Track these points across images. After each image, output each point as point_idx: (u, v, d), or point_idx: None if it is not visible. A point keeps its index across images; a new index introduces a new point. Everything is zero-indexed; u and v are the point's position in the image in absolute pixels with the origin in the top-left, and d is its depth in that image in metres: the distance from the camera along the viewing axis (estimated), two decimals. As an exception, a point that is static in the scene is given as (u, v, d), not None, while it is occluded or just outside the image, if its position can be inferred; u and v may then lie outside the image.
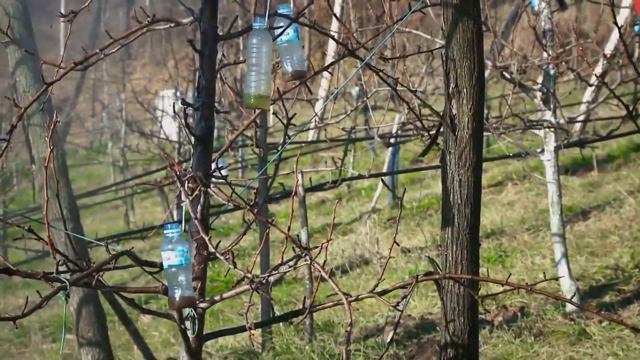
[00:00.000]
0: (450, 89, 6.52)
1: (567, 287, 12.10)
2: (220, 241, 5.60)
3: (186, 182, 5.54)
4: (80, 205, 14.68)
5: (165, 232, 5.34)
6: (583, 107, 18.43)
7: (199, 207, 5.56)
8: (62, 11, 6.66)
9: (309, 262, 5.91)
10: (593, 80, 14.78)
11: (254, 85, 5.59)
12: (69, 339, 13.88)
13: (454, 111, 6.46)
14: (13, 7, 10.92)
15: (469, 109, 6.46)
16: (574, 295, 11.99)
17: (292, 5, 5.81)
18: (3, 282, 17.32)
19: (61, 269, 5.46)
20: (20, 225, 5.71)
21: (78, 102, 28.39)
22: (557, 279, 12.10)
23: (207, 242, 5.41)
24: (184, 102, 5.80)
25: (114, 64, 27.18)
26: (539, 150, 12.75)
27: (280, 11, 5.88)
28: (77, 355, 13.11)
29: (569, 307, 11.74)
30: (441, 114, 6.60)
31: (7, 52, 10.84)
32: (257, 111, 6.47)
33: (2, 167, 18.80)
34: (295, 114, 6.02)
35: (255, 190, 7.72)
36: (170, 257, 5.32)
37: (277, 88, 5.93)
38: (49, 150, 7.01)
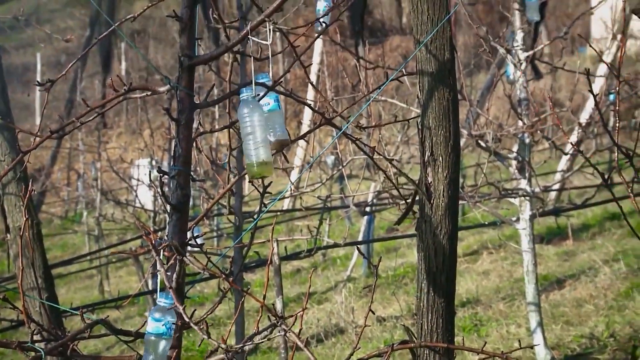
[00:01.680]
0: (426, 157, 6.54)
1: (542, 355, 12.13)
2: (195, 310, 5.60)
3: (161, 251, 5.54)
4: (55, 274, 14.66)
5: (158, 300, 5.35)
6: (558, 176, 18.48)
7: (174, 276, 5.55)
8: (39, 80, 6.65)
9: (284, 331, 5.91)
10: (568, 148, 14.83)
11: (254, 153, 5.58)
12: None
13: (430, 179, 6.48)
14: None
15: (445, 177, 6.48)
16: (550, 361, 12.04)
17: (270, 74, 5.81)
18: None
19: (36, 338, 5.47)
20: (-5, 295, 5.71)
21: (53, 171, 28.44)
22: (532, 347, 12.13)
23: (182, 312, 5.41)
24: (159, 171, 5.79)
25: (89, 133, 27.22)
26: (514, 218, 12.78)
27: (259, 80, 5.89)
28: None
29: (544, 376, 11.76)
30: (417, 182, 6.62)
31: (-19, 121, 10.84)
32: (232, 179, 6.48)
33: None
34: (271, 182, 6.02)
35: (230, 259, 7.74)
36: (157, 325, 5.33)
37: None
38: (24, 219, 7.00)
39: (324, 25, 7.62)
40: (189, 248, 5.84)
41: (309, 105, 8.19)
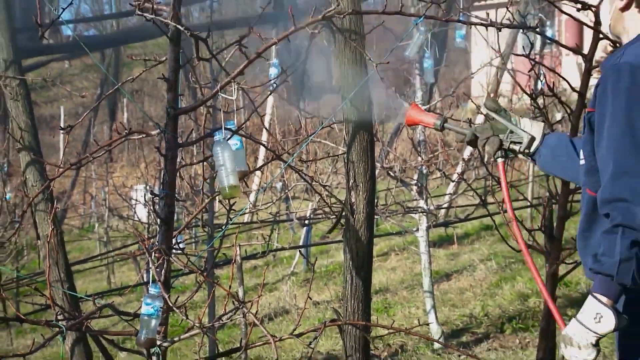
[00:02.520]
0: (350, 183, 6.51)
1: (434, 330, 12.11)
2: (178, 297, 5.55)
3: (153, 253, 5.51)
4: (73, 270, 14.52)
5: (150, 290, 5.33)
6: (447, 197, 18.53)
7: (162, 272, 5.52)
8: (62, 125, 6.61)
9: (244, 312, 5.89)
10: (455, 177, 14.83)
11: (225, 180, 5.59)
12: (64, 371, 13.74)
13: (353, 200, 6.46)
14: (24, 123, 10.85)
15: (364, 198, 6.46)
16: (440, 337, 12.01)
17: (235, 121, 5.78)
18: (16, 328, 17.09)
19: (59, 318, 5.43)
20: (29, 285, 5.71)
21: (72, 193, 28.28)
22: (427, 324, 12.13)
23: (167, 299, 5.37)
24: (152, 193, 5.78)
25: (100, 165, 27.11)
26: (414, 229, 12.78)
27: (227, 126, 5.87)
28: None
29: (436, 345, 11.74)
30: (343, 202, 6.60)
31: (19, 156, 10.77)
32: (206, 200, 6.47)
33: (15, 242, 18.62)
34: (235, 202, 6.00)
35: (204, 259, 7.69)
36: (149, 308, 5.31)
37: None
38: (51, 229, 6.92)
39: (274, 85, 7.60)
40: (173, 251, 5.80)
41: (264, 145, 8.21)
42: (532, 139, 5.12)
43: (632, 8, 4.68)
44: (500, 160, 5.23)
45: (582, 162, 4.72)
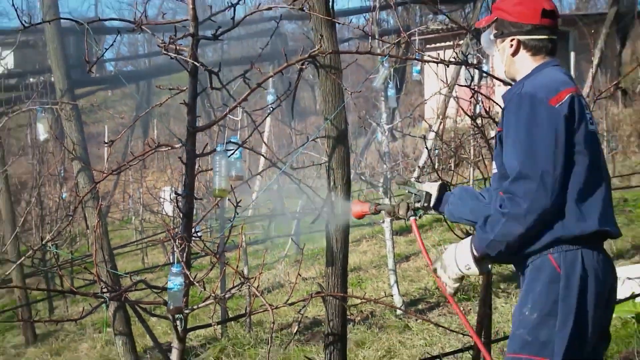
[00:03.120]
0: (331, 185, 6.51)
1: (397, 300, 12.12)
2: (196, 274, 5.56)
3: (177, 239, 5.50)
4: (115, 253, 14.51)
5: (173, 269, 5.34)
6: (406, 196, 18.51)
7: (184, 254, 5.51)
8: (106, 140, 6.59)
9: (248, 286, 5.89)
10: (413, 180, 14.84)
11: (217, 183, 5.63)
12: (108, 331, 13.71)
13: (333, 198, 6.46)
14: (76, 138, 10.81)
15: (342, 197, 6.46)
16: (402, 305, 12.01)
17: (238, 136, 5.80)
18: (70, 299, 17.06)
19: (103, 290, 5.44)
20: (80, 265, 5.71)
21: (114, 193, 28.30)
22: (391, 295, 12.13)
23: (188, 275, 5.38)
24: (176, 193, 5.76)
25: (135, 171, 27.10)
26: (381, 221, 12.78)
27: (232, 140, 5.88)
28: (113, 341, 12.92)
29: (399, 312, 11.74)
30: (325, 199, 6.59)
31: (73, 164, 10.77)
32: (219, 198, 6.47)
33: (70, 231, 18.60)
34: (241, 199, 5.99)
35: (217, 245, 7.67)
36: (174, 283, 5.31)
37: (231, 185, 5.93)
38: (97, 221, 6.90)
39: (271, 109, 7.61)
40: (193, 238, 5.80)
41: (263, 155, 8.19)
42: (429, 194, 5.23)
43: (520, 51, 4.69)
44: (412, 218, 5.33)
45: (495, 171, 4.73)
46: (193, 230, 5.84)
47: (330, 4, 6.47)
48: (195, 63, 5.54)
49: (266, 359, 6.95)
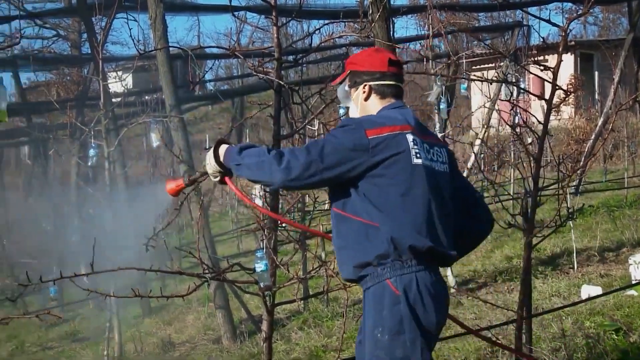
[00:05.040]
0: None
1: (451, 279, 12.02)
2: (282, 258, 5.54)
3: (265, 229, 5.51)
4: (215, 240, 14.62)
5: (257, 254, 5.35)
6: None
7: (272, 242, 5.51)
8: (206, 147, 6.62)
9: (326, 268, 5.86)
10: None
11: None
12: (210, 306, 13.79)
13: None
14: (182, 145, 10.88)
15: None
16: (454, 284, 11.92)
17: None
18: (177, 279, 17.23)
19: (205, 272, 5.46)
20: (187, 251, 5.73)
21: (214, 190, 28.45)
22: (446, 276, 12.04)
23: (275, 259, 5.38)
24: (265, 190, 5.77)
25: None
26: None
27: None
28: (214, 313, 13.00)
29: (452, 290, 11.65)
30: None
31: (180, 167, 10.81)
32: (299, 195, 6.48)
33: (177, 222, 18.77)
34: (318, 195, 5.97)
35: (299, 233, 7.66)
36: (261, 266, 5.31)
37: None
38: (199, 213, 6.90)
39: (342, 120, 7.58)
40: (279, 228, 5.79)
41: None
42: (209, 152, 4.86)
43: (372, 95, 4.63)
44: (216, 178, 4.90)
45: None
46: (278, 221, 5.83)
47: (391, 32, 6.42)
48: (280, 82, 5.54)
49: (342, 329, 6.91)
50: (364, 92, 4.65)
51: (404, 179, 4.28)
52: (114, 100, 16.35)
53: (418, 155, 4.34)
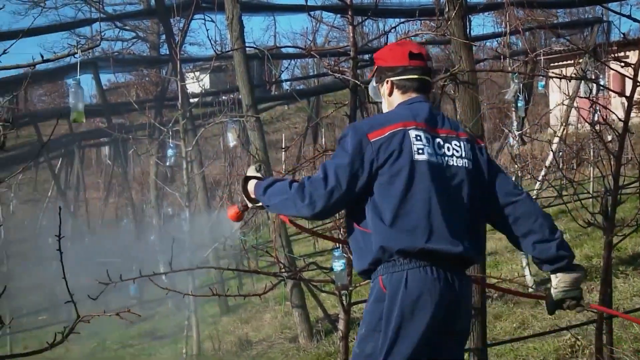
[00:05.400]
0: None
1: (529, 279, 11.89)
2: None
3: (342, 228, 5.52)
4: (291, 239, 14.69)
5: (335, 253, 5.37)
6: (535, 192, 18.18)
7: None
8: (283, 146, 6.64)
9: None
10: (540, 178, 14.48)
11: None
12: (286, 304, 13.86)
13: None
14: (259, 145, 10.97)
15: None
16: (532, 284, 11.79)
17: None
18: (255, 277, 17.33)
19: (282, 270, 5.48)
20: (263, 250, 5.79)
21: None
22: (524, 276, 11.91)
23: (351, 258, 5.40)
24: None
25: (307, 172, 27.35)
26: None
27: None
28: (290, 312, 13.06)
29: (530, 290, 11.54)
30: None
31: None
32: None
33: (254, 221, 18.87)
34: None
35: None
36: (338, 265, 5.33)
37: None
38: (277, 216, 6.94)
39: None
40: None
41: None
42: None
43: (394, 91, 4.65)
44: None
45: None
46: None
47: (468, 30, 6.38)
48: (356, 81, 5.54)
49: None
50: (388, 87, 4.68)
51: (404, 176, 4.30)
52: (191, 100, 16.54)
53: (420, 151, 4.35)
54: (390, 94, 4.68)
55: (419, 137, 4.36)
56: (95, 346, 16.27)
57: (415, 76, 4.64)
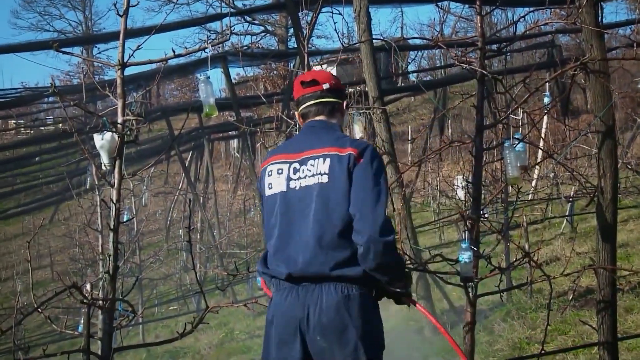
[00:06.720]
0: (600, 173, 6.26)
1: None
2: (484, 249, 5.55)
3: (467, 220, 5.51)
4: (417, 231, 14.65)
5: (462, 245, 5.37)
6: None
7: (474, 233, 5.51)
8: (409, 138, 6.66)
9: (529, 259, 5.79)
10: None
11: (510, 172, 5.61)
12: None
13: (602, 184, 6.21)
14: (385, 137, 10.99)
15: (610, 183, 6.20)
16: None
17: (520, 132, 5.71)
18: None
19: (408, 262, 5.51)
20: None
21: (416, 182, 28.37)
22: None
23: (477, 250, 5.37)
24: (467, 181, 5.78)
25: (433, 163, 27.25)
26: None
27: (515, 136, 5.79)
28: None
29: None
30: (596, 186, 6.36)
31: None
32: (502, 185, 6.38)
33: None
34: (521, 185, 5.92)
35: (502, 224, 7.58)
36: (465, 257, 5.32)
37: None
38: (401, 204, 6.95)
39: (547, 109, 7.42)
40: (481, 218, 5.77)
41: (540, 148, 7.98)
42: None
43: (300, 120, 5.08)
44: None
45: None
46: (481, 212, 5.81)
47: (600, 17, 6.26)
48: (483, 72, 5.51)
49: (546, 321, 6.82)
50: (298, 118, 5.03)
51: (264, 211, 4.78)
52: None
53: (270, 186, 4.71)
54: (301, 123, 4.98)
55: (270, 173, 4.73)
56: (224, 336, 16.60)
57: (311, 102, 4.91)
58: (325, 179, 4.52)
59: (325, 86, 4.93)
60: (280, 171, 4.68)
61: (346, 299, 4.43)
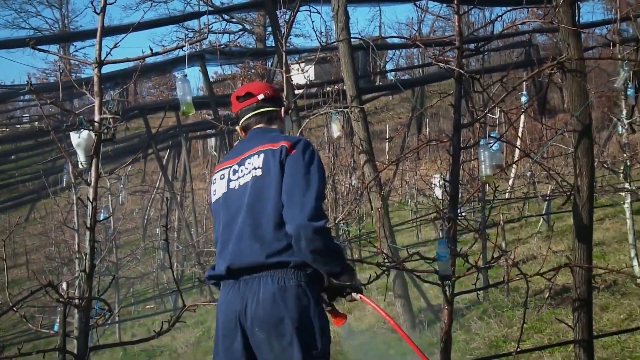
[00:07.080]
0: (577, 172, 6.29)
1: (637, 270, 11.65)
2: (462, 247, 5.55)
3: (445, 219, 5.52)
4: (394, 230, 14.67)
5: (439, 244, 5.38)
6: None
7: (451, 231, 5.52)
8: (387, 137, 6.65)
9: (506, 258, 5.81)
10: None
11: (484, 171, 5.61)
12: (389, 294, 13.85)
13: (579, 183, 6.24)
14: (363, 135, 10.99)
15: (586, 182, 6.22)
16: (642, 276, 11.58)
17: (497, 131, 5.72)
18: (359, 266, 17.39)
19: (385, 261, 5.51)
20: (366, 239, 5.84)
21: (394, 180, 28.40)
22: (632, 266, 11.67)
23: (453, 249, 5.38)
24: (444, 180, 5.79)
25: (411, 162, 27.31)
26: (622, 202, 12.34)
27: (492, 134, 5.81)
28: (393, 302, 13.07)
29: (639, 281, 11.31)
30: (572, 184, 6.38)
31: (360, 157, 10.92)
32: (479, 184, 6.39)
33: (358, 211, 18.94)
34: (498, 184, 5.93)
35: (479, 222, 7.61)
36: (442, 255, 5.34)
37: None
38: (379, 203, 6.95)
39: (524, 108, 7.43)
40: (458, 217, 5.78)
41: (517, 147, 8.00)
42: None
43: (242, 133, 5.17)
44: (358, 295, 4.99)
45: None
46: (459, 210, 5.81)
47: (577, 17, 6.28)
48: (461, 71, 5.52)
49: (522, 320, 6.85)
50: (240, 132, 5.11)
51: (213, 218, 4.88)
52: (296, 91, 16.67)
53: (214, 192, 4.85)
54: (244, 136, 5.05)
55: (214, 181, 4.85)
56: (201, 335, 16.57)
57: (249, 114, 5.03)
58: (259, 172, 4.59)
59: (260, 97, 5.02)
60: (222, 177, 4.81)
61: (282, 290, 4.37)
